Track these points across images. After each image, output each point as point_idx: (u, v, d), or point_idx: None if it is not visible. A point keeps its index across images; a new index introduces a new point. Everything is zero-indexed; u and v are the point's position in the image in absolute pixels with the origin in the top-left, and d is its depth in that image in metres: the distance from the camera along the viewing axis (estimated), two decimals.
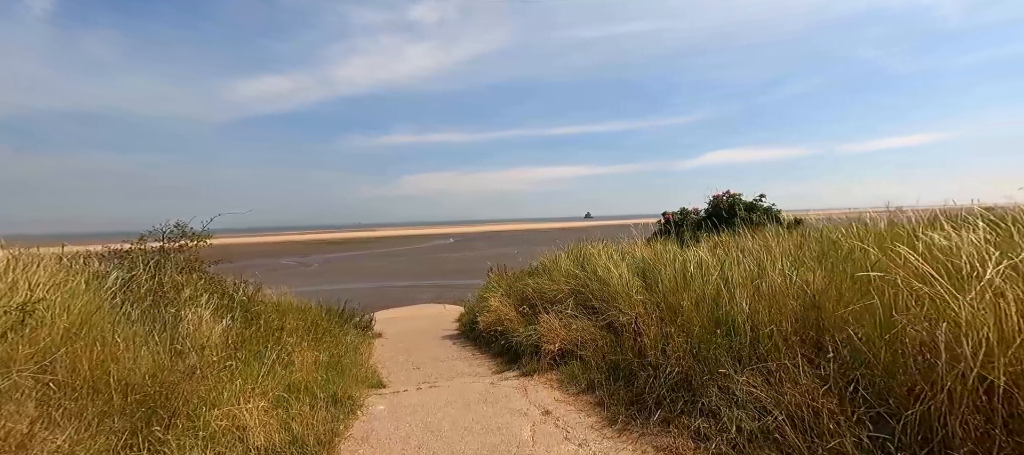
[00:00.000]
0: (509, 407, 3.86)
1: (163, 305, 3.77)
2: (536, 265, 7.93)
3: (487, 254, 45.05)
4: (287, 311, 5.71)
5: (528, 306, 6.27)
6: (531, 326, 5.82)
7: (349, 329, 7.24)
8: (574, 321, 5.24)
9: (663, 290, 4.48)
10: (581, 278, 5.96)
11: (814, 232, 5.56)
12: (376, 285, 28.41)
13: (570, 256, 7.38)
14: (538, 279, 6.84)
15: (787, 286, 3.59)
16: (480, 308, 7.86)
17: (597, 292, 5.46)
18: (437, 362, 6.02)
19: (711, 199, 8.47)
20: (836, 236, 4.92)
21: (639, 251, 6.81)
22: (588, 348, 4.76)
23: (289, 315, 5.45)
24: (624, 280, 5.37)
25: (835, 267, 3.63)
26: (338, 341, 5.50)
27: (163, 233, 4.61)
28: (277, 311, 5.49)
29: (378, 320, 12.65)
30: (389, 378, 5.14)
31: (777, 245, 4.74)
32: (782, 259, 4.06)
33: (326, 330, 5.74)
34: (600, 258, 6.36)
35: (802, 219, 7.80)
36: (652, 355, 3.63)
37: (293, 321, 5.21)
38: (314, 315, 6.24)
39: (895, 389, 2.35)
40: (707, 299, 3.80)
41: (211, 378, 3.17)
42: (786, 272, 3.70)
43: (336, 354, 4.98)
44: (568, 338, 4.99)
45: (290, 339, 4.38)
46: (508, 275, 9.10)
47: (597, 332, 4.89)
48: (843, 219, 6.23)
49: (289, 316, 5.43)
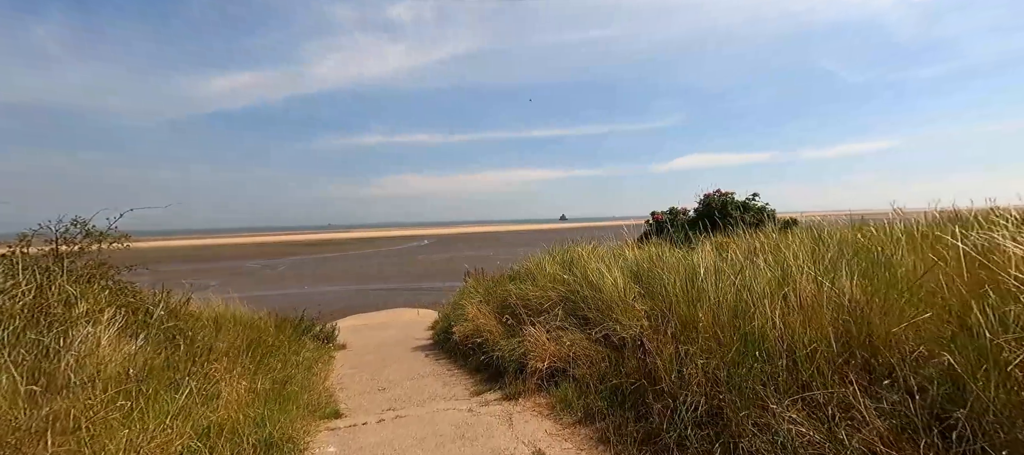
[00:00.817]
0: (492, 446, 3.16)
1: (45, 325, 2.92)
2: (518, 269, 7.25)
3: (463, 256, 44.15)
4: (226, 325, 4.85)
5: (511, 315, 5.58)
6: (514, 339, 5.13)
7: (306, 343, 6.38)
8: (564, 334, 4.58)
9: (669, 299, 3.87)
10: (570, 284, 5.31)
11: (822, 233, 5.05)
12: (347, 288, 27.20)
13: (555, 259, 6.73)
14: (521, 284, 6.16)
15: (820, 296, 3.02)
16: (456, 316, 7.13)
17: (590, 300, 4.81)
18: (407, 381, 5.26)
19: (702, 198, 7.99)
20: (851, 237, 4.45)
21: (630, 253, 6.22)
22: (582, 366, 4.10)
23: (227, 330, 4.59)
24: (620, 287, 4.75)
25: (875, 274, 3.08)
26: (288, 360, 4.68)
27: (57, 233, 3.69)
28: (213, 325, 4.63)
29: (345, 328, 11.72)
30: (348, 404, 4.35)
31: (797, 247, 4.20)
32: (806, 264, 3.49)
33: (274, 347, 4.90)
34: (590, 261, 5.73)
35: (797, 220, 7.40)
36: (666, 380, 2.99)
37: (230, 338, 4.37)
38: (261, 328, 5.38)
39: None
40: (726, 310, 3.19)
41: (96, 425, 2.36)
42: (818, 279, 3.12)
43: (283, 377, 4.17)
44: (558, 354, 4.32)
45: (220, 363, 3.56)
46: (486, 279, 8.39)
47: (591, 347, 4.25)
48: (844, 221, 5.82)
49: (227, 331, 4.57)
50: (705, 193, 7.95)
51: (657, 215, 8.21)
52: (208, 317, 4.86)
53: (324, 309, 19.97)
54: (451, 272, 31.54)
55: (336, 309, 19.91)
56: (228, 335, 4.53)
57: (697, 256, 4.28)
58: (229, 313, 5.78)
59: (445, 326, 7.98)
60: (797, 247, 4.35)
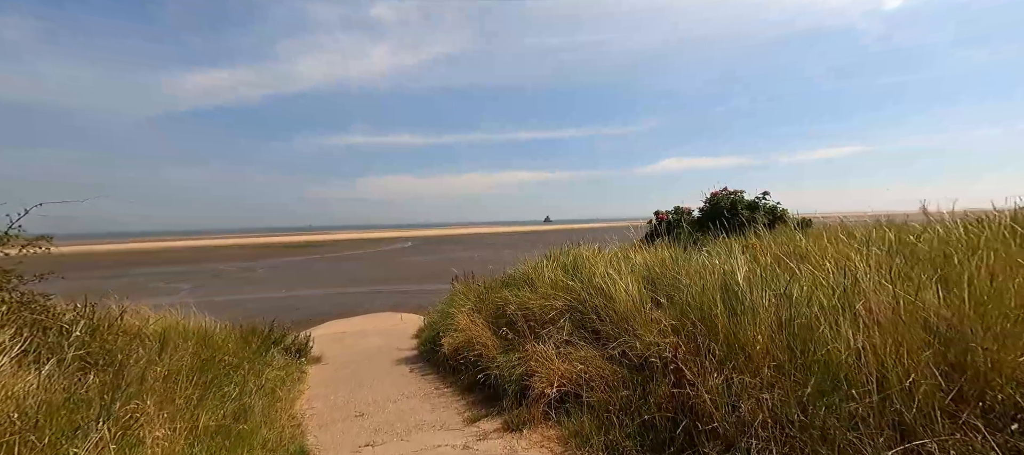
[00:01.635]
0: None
1: None
2: (514, 273, 6.60)
3: (448, 258, 43.29)
4: (175, 341, 4.09)
5: (508, 327, 4.94)
6: (513, 354, 4.50)
7: (274, 357, 5.63)
8: (573, 350, 3.96)
9: (702, 313, 3.28)
10: (576, 291, 4.70)
11: (869, 236, 4.50)
12: (327, 292, 26.15)
13: (556, 262, 6.11)
14: (518, 291, 5.52)
15: (898, 312, 2.46)
16: (444, 326, 6.45)
17: (601, 311, 4.20)
18: (389, 403, 4.57)
19: (709, 197, 7.46)
20: (891, 238, 3.92)
21: (639, 256, 5.64)
22: (597, 389, 3.48)
23: (175, 348, 3.85)
24: (634, 295, 4.15)
25: (957, 284, 2.53)
26: (247, 383, 3.94)
27: None
28: (158, 343, 3.87)
29: (323, 336, 10.89)
30: (318, 437, 3.66)
31: (838, 250, 3.64)
32: (870, 271, 2.93)
33: (233, 366, 4.16)
34: (597, 265, 5.13)
35: (811, 220, 6.92)
36: (718, 418, 2.38)
37: (177, 358, 3.63)
38: (219, 344, 4.63)
39: None
40: (786, 329, 2.60)
41: None
42: (895, 292, 2.55)
43: (238, 407, 3.45)
44: (569, 375, 3.69)
45: (152, 394, 2.83)
46: (477, 284, 7.72)
47: (607, 367, 3.63)
48: (867, 221, 5.32)
49: (175, 350, 3.82)
50: (712, 192, 7.42)
51: (661, 215, 7.65)
52: (152, 333, 4.09)
53: (302, 314, 19.02)
54: (436, 274, 30.69)
55: (315, 314, 18.96)
56: (176, 354, 3.79)
57: (731, 260, 3.69)
58: (182, 326, 5.01)
59: (432, 335, 7.29)
60: (840, 250, 3.81)
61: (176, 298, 24.28)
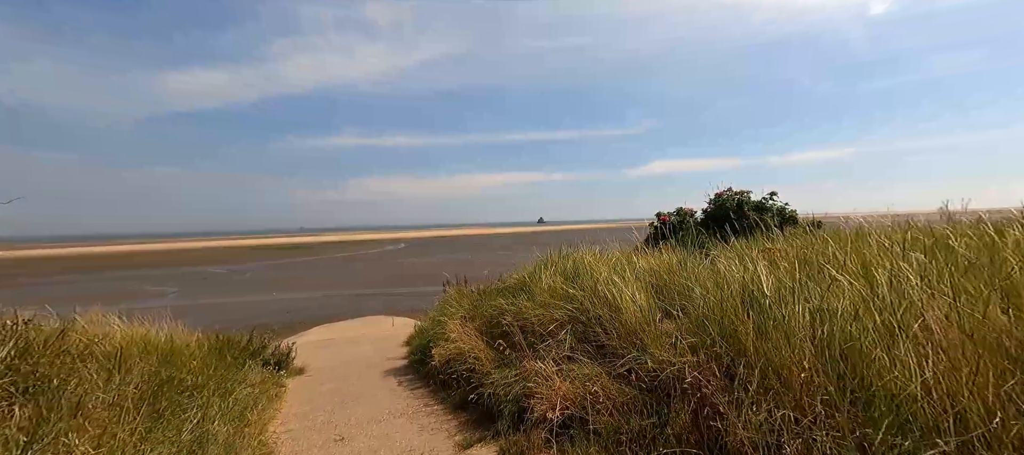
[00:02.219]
0: None
1: None
2: (509, 280, 6.21)
3: (441, 260, 42.85)
4: (132, 358, 3.65)
5: (503, 338, 4.55)
6: (510, 370, 4.11)
7: (251, 371, 5.19)
8: (576, 366, 3.58)
9: (719, 326, 2.91)
10: (578, 300, 4.32)
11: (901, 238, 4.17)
12: (317, 295, 25.61)
13: (554, 268, 5.73)
14: (515, 299, 5.13)
15: (969, 333, 2.10)
16: (435, 335, 6.05)
17: (605, 322, 3.83)
18: (374, 424, 4.16)
19: (713, 198, 7.12)
20: (924, 243, 3.58)
21: (642, 261, 5.28)
22: (603, 412, 3.11)
23: (129, 369, 3.40)
24: (642, 305, 3.78)
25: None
26: (210, 405, 3.51)
27: None
28: (113, 361, 3.43)
29: (309, 343, 10.43)
30: None
31: (875, 256, 3.28)
32: (918, 283, 2.57)
33: (197, 386, 3.73)
34: (599, 271, 4.75)
35: (821, 222, 6.60)
36: None
37: (132, 379, 3.19)
38: (184, 360, 4.18)
39: None
40: (833, 353, 2.23)
41: None
42: (960, 309, 2.20)
43: (197, 436, 3.03)
44: (572, 396, 3.31)
45: (90, 427, 2.40)
46: (470, 291, 7.32)
47: (614, 387, 3.25)
48: (883, 223, 5.00)
49: (130, 369, 3.38)
50: (716, 192, 7.09)
51: (663, 217, 7.30)
52: (105, 351, 3.65)
53: (290, 318, 18.49)
54: (429, 276, 30.25)
55: (304, 318, 18.45)
56: (130, 375, 3.35)
57: (751, 267, 3.32)
58: (147, 339, 4.55)
59: (422, 344, 6.89)
60: (875, 256, 3.46)
61: (160, 302, 23.63)
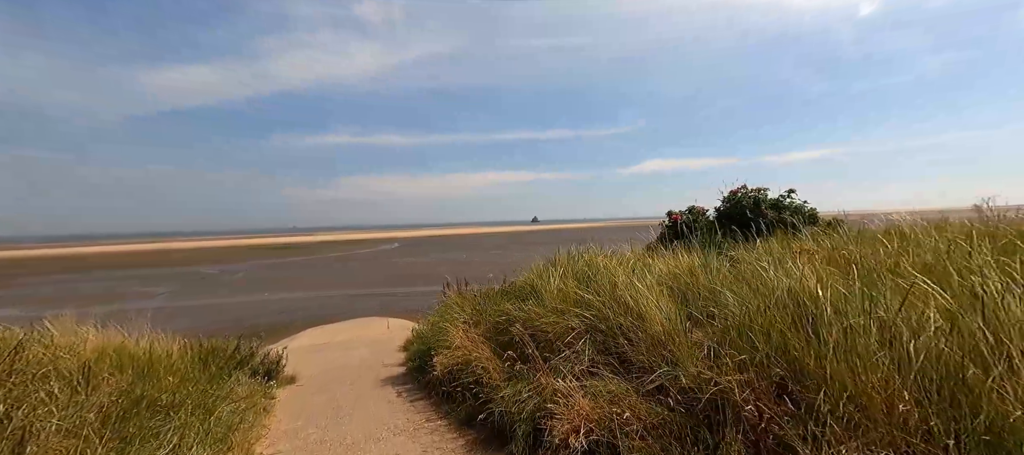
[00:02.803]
0: None
1: None
2: (516, 282, 5.85)
3: (435, 260, 42.43)
4: (102, 375, 3.25)
5: (513, 348, 4.19)
6: (521, 383, 3.75)
7: (237, 382, 4.79)
8: (599, 382, 3.22)
9: (765, 337, 2.57)
10: (596, 307, 3.96)
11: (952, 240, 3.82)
12: (311, 295, 25.15)
13: (563, 268, 5.37)
14: (523, 305, 4.76)
15: None
16: (437, 341, 5.68)
17: (629, 332, 3.48)
18: (372, 444, 3.79)
19: (727, 196, 6.79)
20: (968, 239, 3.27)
21: (659, 263, 4.94)
22: (633, 436, 2.75)
23: (95, 387, 3.00)
24: (669, 314, 3.43)
25: None
26: (187, 427, 3.11)
27: None
28: (79, 377, 3.03)
29: (301, 347, 10.02)
30: None
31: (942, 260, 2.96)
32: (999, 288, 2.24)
33: (174, 405, 3.33)
34: (617, 274, 4.39)
35: (841, 221, 6.30)
36: None
37: (93, 402, 2.80)
38: (162, 374, 3.78)
39: None
40: (917, 374, 1.89)
41: None
42: None
43: None
44: (597, 416, 2.95)
45: None
46: (472, 294, 6.95)
47: (644, 406, 2.90)
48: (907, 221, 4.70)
49: (95, 389, 2.99)
50: (731, 190, 6.76)
51: (675, 215, 6.97)
52: (71, 366, 3.24)
53: (283, 319, 18.02)
54: (424, 276, 29.85)
55: (297, 319, 17.99)
56: (97, 394, 2.95)
57: (798, 272, 2.98)
58: (121, 349, 4.14)
59: (421, 349, 6.52)
60: (945, 258, 3.13)
61: (148, 303, 23.05)
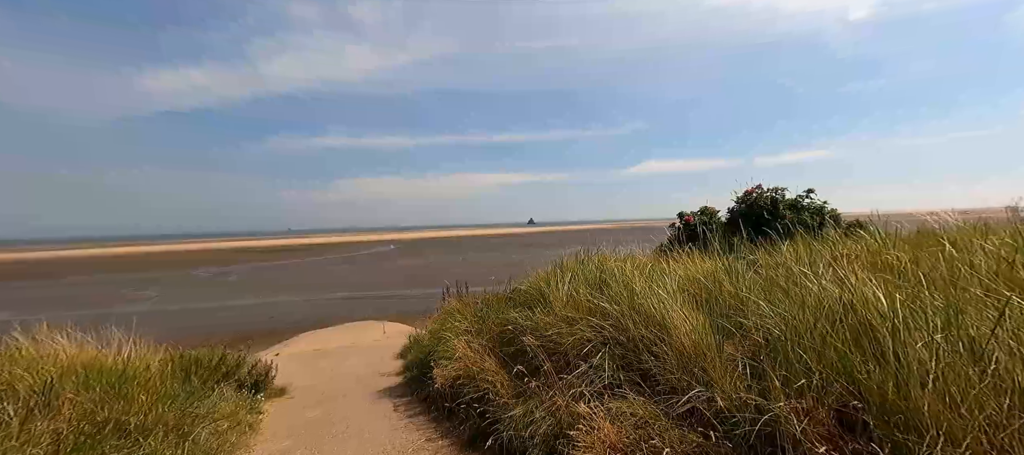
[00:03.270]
0: None
1: None
2: (522, 288, 5.49)
3: (432, 262, 41.97)
4: (64, 395, 2.87)
5: (521, 360, 3.84)
6: (532, 401, 3.40)
7: (221, 398, 4.41)
8: (621, 402, 2.88)
9: (818, 356, 2.23)
10: (611, 315, 3.62)
11: None
12: (305, 298, 24.71)
13: (571, 272, 5.02)
14: (530, 313, 4.41)
15: None
16: (437, 352, 5.32)
17: (652, 344, 3.14)
18: None
19: (741, 196, 6.48)
20: None
21: (681, 268, 4.61)
22: None
23: (58, 410, 2.63)
24: (697, 325, 3.08)
25: None
26: (161, 454, 2.75)
27: None
28: (37, 398, 2.66)
29: (294, 354, 9.63)
30: None
31: None
32: None
33: (144, 428, 2.96)
34: (634, 280, 4.05)
35: (862, 222, 6.00)
36: None
37: (49, 428, 2.43)
38: (134, 392, 3.40)
39: None
40: None
41: None
42: None
43: None
44: (622, 445, 2.61)
45: None
46: (472, 300, 6.59)
47: (674, 431, 2.56)
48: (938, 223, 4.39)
49: (56, 412, 2.61)
50: (746, 190, 6.45)
51: (687, 217, 6.65)
52: (30, 384, 2.87)
53: (277, 324, 17.57)
54: (420, 279, 29.45)
55: (291, 323, 17.56)
56: (61, 416, 2.58)
57: (854, 281, 2.65)
58: (90, 362, 3.76)
59: (420, 358, 6.16)
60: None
61: (136, 308, 22.50)
